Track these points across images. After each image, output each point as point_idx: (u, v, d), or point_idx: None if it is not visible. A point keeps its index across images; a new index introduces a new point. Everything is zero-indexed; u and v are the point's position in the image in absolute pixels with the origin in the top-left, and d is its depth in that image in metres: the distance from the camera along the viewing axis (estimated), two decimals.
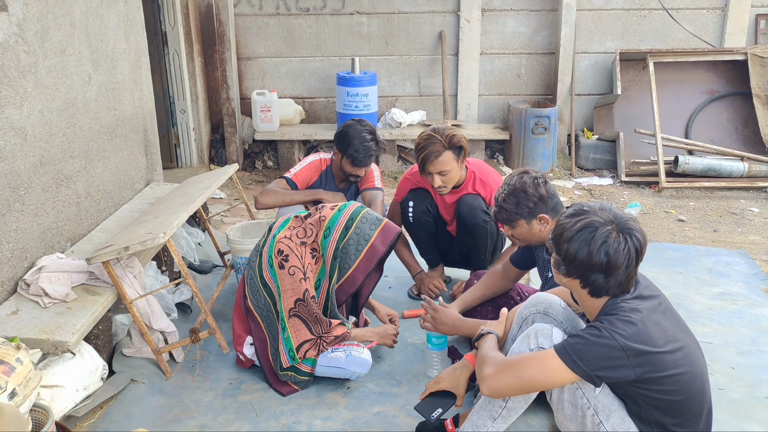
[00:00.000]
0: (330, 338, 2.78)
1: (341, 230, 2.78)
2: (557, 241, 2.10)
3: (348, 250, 2.78)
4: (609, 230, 2.02)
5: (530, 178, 2.72)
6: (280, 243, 2.78)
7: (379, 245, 2.78)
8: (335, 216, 2.80)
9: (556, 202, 2.75)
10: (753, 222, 5.05)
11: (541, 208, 2.71)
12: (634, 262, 2.03)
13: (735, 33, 6.22)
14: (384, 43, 6.35)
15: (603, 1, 6.25)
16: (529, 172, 2.76)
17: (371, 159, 3.55)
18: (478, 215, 3.34)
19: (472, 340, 2.46)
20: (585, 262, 2.03)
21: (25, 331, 2.53)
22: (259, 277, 2.86)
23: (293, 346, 2.76)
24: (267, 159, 6.35)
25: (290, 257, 2.75)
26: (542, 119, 5.91)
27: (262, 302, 2.87)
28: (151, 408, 2.69)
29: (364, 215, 2.81)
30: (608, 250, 2.00)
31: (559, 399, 2.19)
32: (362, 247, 2.78)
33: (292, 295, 2.75)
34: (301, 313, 2.75)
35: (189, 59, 5.73)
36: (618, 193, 5.67)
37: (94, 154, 3.43)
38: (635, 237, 2.03)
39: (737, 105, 6.12)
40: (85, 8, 3.35)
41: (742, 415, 2.67)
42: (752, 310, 3.55)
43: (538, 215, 2.72)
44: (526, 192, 2.70)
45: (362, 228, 2.79)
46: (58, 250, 3.08)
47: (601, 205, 2.12)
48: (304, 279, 2.75)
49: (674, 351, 2.03)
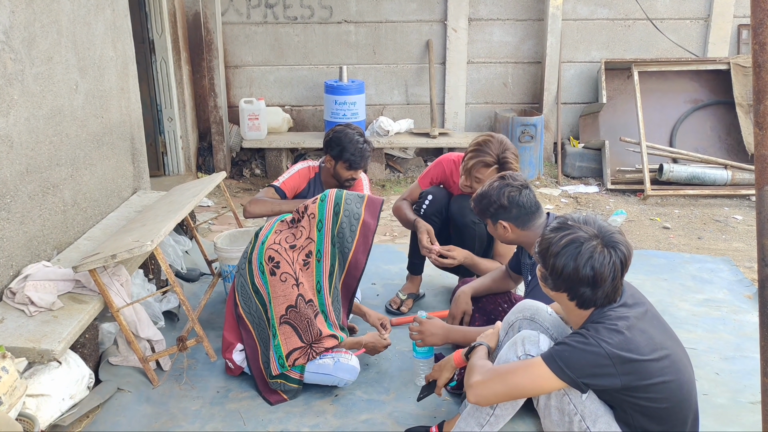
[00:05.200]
0: (320, 349, 2.78)
1: (332, 217, 2.81)
2: (544, 255, 2.13)
3: (344, 233, 2.80)
4: (594, 245, 2.04)
5: (499, 185, 2.76)
6: (270, 250, 2.79)
7: (370, 220, 2.84)
8: (321, 207, 2.82)
9: (523, 213, 2.74)
10: (737, 229, 5.11)
11: (501, 215, 2.76)
12: (620, 274, 2.06)
13: (718, 43, 6.31)
14: (372, 51, 6.38)
15: (588, 11, 6.32)
16: (507, 178, 2.79)
17: (367, 160, 3.58)
18: (467, 215, 3.37)
19: (464, 353, 2.48)
20: (572, 277, 2.06)
21: (11, 339, 2.51)
22: (250, 284, 2.85)
23: (283, 354, 2.76)
24: (255, 167, 6.35)
25: (281, 264, 2.76)
26: (529, 128, 5.95)
27: (254, 309, 2.87)
28: (137, 417, 2.67)
29: (346, 197, 2.85)
30: (594, 264, 2.03)
31: (546, 405, 2.20)
32: (356, 227, 2.81)
33: (284, 301, 2.75)
34: (292, 320, 2.75)
35: (176, 67, 5.73)
36: (604, 200, 5.72)
37: (80, 162, 3.42)
38: (620, 250, 2.05)
39: (720, 114, 6.20)
40: (73, 16, 3.34)
41: (726, 421, 2.69)
42: (736, 316, 3.59)
43: (499, 221, 2.77)
44: (489, 197, 2.77)
45: (350, 208, 2.82)
46: (45, 258, 3.07)
47: (585, 218, 2.14)
48: (296, 285, 2.75)
49: (661, 359, 2.05)
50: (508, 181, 2.78)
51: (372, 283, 3.93)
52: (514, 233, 2.77)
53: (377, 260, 4.11)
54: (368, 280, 3.96)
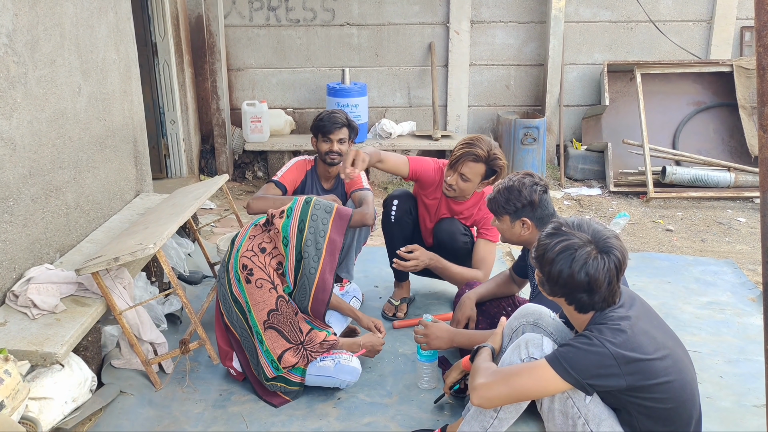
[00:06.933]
0: (315, 346, 2.77)
1: (296, 233, 2.77)
2: (540, 261, 2.14)
3: (309, 252, 2.77)
4: (588, 251, 2.04)
5: (530, 181, 2.76)
6: (243, 257, 2.78)
7: (336, 237, 2.80)
8: (286, 223, 2.78)
9: (545, 214, 2.76)
10: (740, 232, 5.10)
11: (527, 212, 2.75)
12: (616, 278, 2.06)
13: (720, 45, 6.30)
14: (374, 54, 6.38)
15: (591, 13, 6.31)
16: (534, 176, 2.79)
17: (337, 125, 3.58)
18: (458, 239, 3.38)
19: (470, 357, 2.48)
20: (568, 283, 2.06)
21: (14, 342, 2.51)
22: (229, 293, 2.84)
23: (274, 357, 2.75)
24: (257, 169, 6.35)
25: (254, 270, 2.74)
26: (531, 130, 5.95)
27: (235, 318, 2.85)
28: (140, 420, 2.67)
29: (312, 211, 2.80)
30: (588, 270, 2.02)
31: (549, 408, 2.20)
32: (321, 244, 2.77)
33: (264, 307, 2.74)
34: (275, 324, 2.74)
35: (179, 70, 5.74)
36: (606, 203, 5.71)
37: (83, 165, 3.42)
38: (614, 255, 2.05)
39: (723, 116, 6.19)
40: (76, 19, 3.35)
41: (730, 424, 2.68)
42: (740, 319, 3.58)
43: (522, 218, 2.76)
44: (520, 192, 2.74)
45: (315, 225, 2.78)
46: (47, 261, 3.07)
47: (580, 222, 2.13)
48: (274, 288, 2.74)
49: (663, 358, 2.05)
50: (536, 179, 2.76)
51: (375, 286, 3.93)
52: (531, 233, 2.76)
53: (379, 263, 4.10)
54: (371, 283, 3.96)
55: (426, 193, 3.50)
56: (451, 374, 2.62)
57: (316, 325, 2.84)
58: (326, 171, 3.71)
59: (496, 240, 3.37)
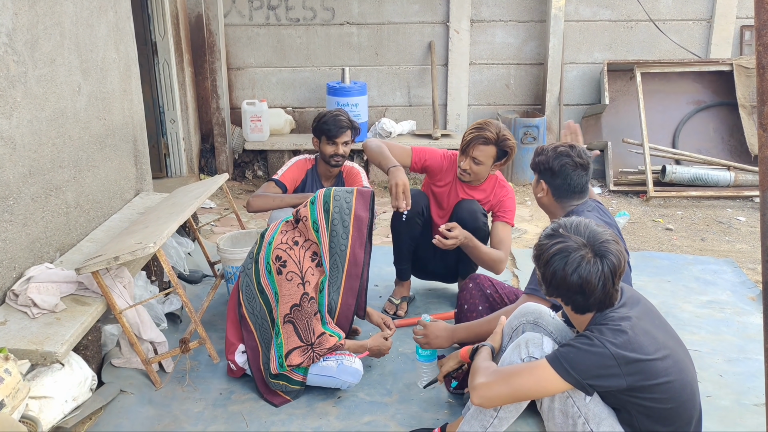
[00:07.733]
0: (323, 350, 2.78)
1: (323, 215, 2.81)
2: (537, 261, 2.15)
3: (337, 230, 2.80)
4: (582, 255, 2.04)
5: (563, 153, 2.76)
6: (277, 249, 2.80)
7: (362, 212, 2.83)
8: (312, 209, 2.83)
9: (565, 185, 2.74)
10: (740, 231, 5.10)
11: (547, 176, 2.79)
12: (611, 282, 2.06)
13: (720, 44, 6.30)
14: (374, 53, 6.38)
15: (590, 12, 6.31)
16: (575, 150, 2.78)
17: (342, 130, 3.61)
18: (479, 218, 3.38)
19: (469, 355, 2.48)
20: (561, 285, 2.07)
21: (14, 341, 2.51)
22: (255, 283, 2.86)
23: (283, 353, 2.76)
24: (257, 169, 6.35)
25: (288, 263, 2.77)
26: (531, 129, 5.95)
27: (257, 309, 2.87)
28: (140, 419, 2.67)
29: (335, 194, 2.85)
30: (581, 273, 2.03)
31: (549, 408, 2.20)
32: (348, 221, 2.81)
33: (289, 300, 2.76)
34: (294, 319, 2.76)
35: (179, 69, 5.73)
36: (606, 202, 5.71)
37: (83, 164, 3.42)
38: (609, 258, 2.05)
39: (723, 115, 6.19)
40: (75, 18, 3.35)
41: (730, 423, 2.69)
42: (739, 318, 3.58)
43: (542, 180, 2.81)
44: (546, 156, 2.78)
45: (339, 204, 2.82)
46: (47, 260, 3.07)
47: (577, 225, 2.13)
48: (302, 284, 2.76)
49: (664, 358, 2.05)
50: (572, 153, 2.77)
51: (374, 285, 3.93)
52: (548, 198, 2.81)
53: (379, 262, 4.10)
54: (371, 282, 3.95)
55: (435, 180, 3.53)
56: (448, 362, 2.63)
57: (331, 328, 2.84)
58: (327, 170, 3.73)
59: (512, 223, 3.45)
